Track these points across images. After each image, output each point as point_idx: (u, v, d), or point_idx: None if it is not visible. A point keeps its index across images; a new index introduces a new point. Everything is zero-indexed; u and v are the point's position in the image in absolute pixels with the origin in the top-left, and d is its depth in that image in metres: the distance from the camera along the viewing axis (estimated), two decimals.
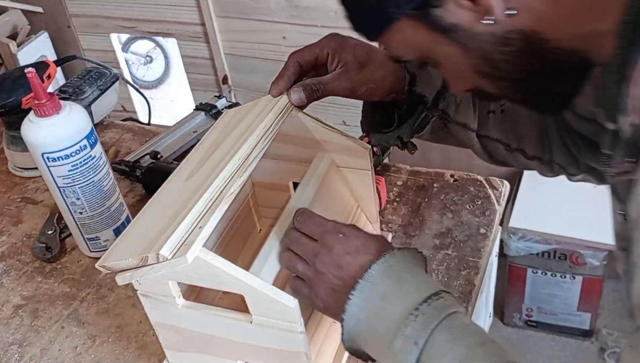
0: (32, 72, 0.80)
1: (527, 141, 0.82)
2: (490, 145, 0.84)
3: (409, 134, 0.84)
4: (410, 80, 0.80)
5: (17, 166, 1.17)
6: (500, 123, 0.82)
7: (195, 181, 0.68)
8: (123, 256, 0.63)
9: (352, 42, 0.79)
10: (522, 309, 1.95)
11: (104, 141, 1.25)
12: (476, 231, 0.95)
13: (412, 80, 0.80)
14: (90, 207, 0.90)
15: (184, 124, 1.23)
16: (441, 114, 0.83)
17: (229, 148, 0.71)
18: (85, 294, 0.92)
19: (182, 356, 0.76)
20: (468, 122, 0.83)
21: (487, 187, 1.03)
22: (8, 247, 1.02)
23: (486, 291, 1.07)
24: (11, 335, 0.87)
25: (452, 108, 0.83)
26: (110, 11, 2.14)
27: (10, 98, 1.07)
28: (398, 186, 1.05)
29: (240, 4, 1.90)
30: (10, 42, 2.10)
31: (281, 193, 0.90)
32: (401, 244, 0.94)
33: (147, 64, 3.58)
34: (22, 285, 0.95)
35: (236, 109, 0.81)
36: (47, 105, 0.82)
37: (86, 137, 0.85)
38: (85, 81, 1.21)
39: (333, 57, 0.79)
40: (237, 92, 2.12)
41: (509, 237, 1.75)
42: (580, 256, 1.74)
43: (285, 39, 1.89)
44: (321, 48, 0.79)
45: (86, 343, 0.85)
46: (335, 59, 0.79)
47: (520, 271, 1.85)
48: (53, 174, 0.86)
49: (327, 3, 1.77)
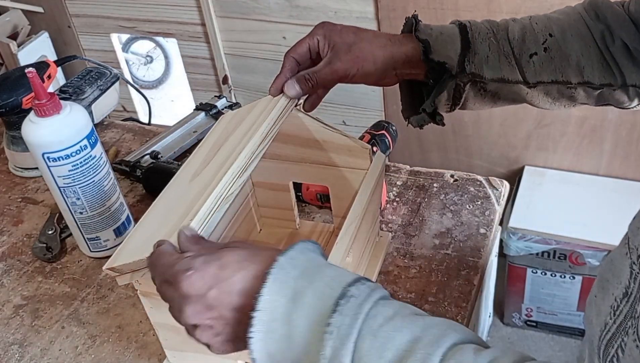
0: (32, 72, 0.80)
1: (590, 71, 0.75)
2: (550, 89, 0.77)
3: (430, 105, 0.80)
4: (423, 48, 0.76)
5: (18, 166, 1.17)
6: (549, 63, 0.75)
7: (200, 182, 0.68)
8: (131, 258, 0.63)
9: (339, 26, 0.79)
10: (521, 309, 1.95)
11: (105, 141, 1.25)
12: (476, 231, 0.95)
13: (425, 48, 0.76)
14: (91, 207, 0.90)
15: (184, 124, 1.23)
16: (471, 77, 0.77)
17: (232, 148, 0.71)
18: (85, 294, 0.92)
19: (182, 356, 0.76)
20: (505, 75, 0.77)
21: (487, 187, 1.03)
22: (8, 247, 1.02)
23: (486, 291, 1.07)
24: (11, 335, 0.87)
25: (482, 67, 0.77)
26: (110, 11, 2.14)
27: (11, 98, 1.07)
28: (398, 186, 1.05)
29: (240, 4, 1.90)
30: (11, 42, 2.10)
31: (281, 193, 0.91)
32: (401, 244, 0.94)
33: (148, 64, 3.58)
34: (22, 285, 0.95)
35: (236, 111, 0.81)
36: (47, 105, 0.82)
37: (86, 137, 0.86)
38: (86, 81, 1.21)
39: (324, 44, 0.79)
40: (237, 92, 2.12)
41: (508, 237, 1.75)
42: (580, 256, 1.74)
43: (285, 39, 1.89)
44: (311, 38, 0.79)
45: (86, 343, 0.85)
46: (325, 45, 0.79)
47: (520, 271, 1.85)
48: (53, 174, 0.86)
49: (327, 3, 1.77)
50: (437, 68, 0.77)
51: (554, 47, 0.76)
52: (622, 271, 0.63)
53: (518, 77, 0.77)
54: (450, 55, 0.77)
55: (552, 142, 1.83)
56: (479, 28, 0.78)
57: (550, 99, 0.78)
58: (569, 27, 0.76)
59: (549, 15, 0.79)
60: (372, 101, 1.90)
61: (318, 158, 0.84)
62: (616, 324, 0.61)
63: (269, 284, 0.51)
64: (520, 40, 0.77)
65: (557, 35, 0.76)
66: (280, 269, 0.51)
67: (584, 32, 0.75)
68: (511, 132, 1.84)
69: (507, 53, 0.77)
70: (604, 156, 1.80)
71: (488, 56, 0.77)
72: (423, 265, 0.90)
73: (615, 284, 0.63)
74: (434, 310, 0.84)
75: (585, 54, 0.75)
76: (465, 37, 0.78)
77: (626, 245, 0.63)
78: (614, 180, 1.82)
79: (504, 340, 1.96)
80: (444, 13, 1.63)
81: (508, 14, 1.58)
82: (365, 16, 1.75)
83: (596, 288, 0.69)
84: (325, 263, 0.55)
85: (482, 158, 1.92)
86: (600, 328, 0.64)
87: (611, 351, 0.61)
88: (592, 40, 0.75)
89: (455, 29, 0.78)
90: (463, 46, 0.77)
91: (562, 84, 0.76)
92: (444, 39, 0.77)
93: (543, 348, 1.96)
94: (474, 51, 0.77)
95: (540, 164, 1.88)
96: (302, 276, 0.51)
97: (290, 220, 0.94)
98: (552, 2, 1.53)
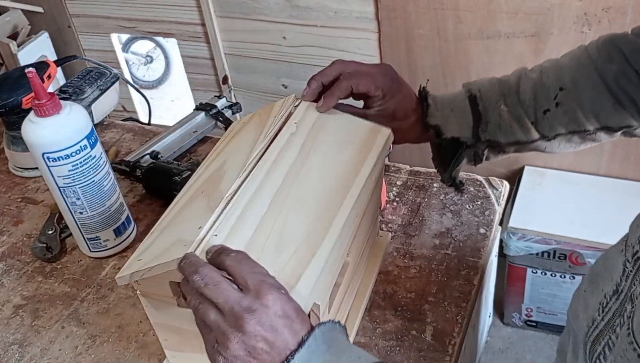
0: (32, 72, 0.80)
1: (605, 116, 0.76)
2: (570, 138, 0.79)
3: (448, 179, 0.84)
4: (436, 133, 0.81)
5: (18, 166, 1.18)
6: (564, 116, 0.77)
7: (216, 191, 0.69)
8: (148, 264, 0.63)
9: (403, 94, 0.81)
10: (521, 309, 1.95)
11: (104, 141, 1.25)
12: (476, 231, 0.95)
13: (437, 132, 0.81)
14: (91, 207, 0.90)
15: (184, 124, 1.23)
16: (488, 144, 0.81)
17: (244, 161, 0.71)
18: (85, 294, 0.92)
19: (182, 356, 0.76)
20: (519, 138, 0.79)
21: (487, 187, 1.03)
22: (8, 247, 1.02)
23: (486, 291, 1.07)
24: (11, 335, 0.87)
25: (496, 134, 0.80)
26: (110, 11, 2.14)
27: (11, 98, 1.07)
28: (398, 186, 1.05)
29: (240, 4, 1.90)
30: (11, 42, 2.10)
31: None
32: (401, 244, 0.94)
33: (147, 64, 3.58)
34: (22, 285, 0.95)
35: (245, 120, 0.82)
36: (47, 105, 0.82)
37: (86, 137, 0.86)
38: (86, 81, 1.21)
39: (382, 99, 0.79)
40: (237, 92, 2.12)
41: (508, 237, 1.75)
42: (580, 256, 1.74)
43: (285, 39, 1.89)
44: (376, 87, 0.78)
45: (86, 343, 0.85)
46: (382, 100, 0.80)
47: (520, 271, 1.85)
48: (53, 174, 0.86)
49: (327, 3, 1.77)
50: (452, 143, 0.81)
51: (566, 100, 0.77)
52: (615, 268, 0.63)
53: (533, 136, 0.79)
54: (464, 129, 0.80)
55: None
56: (489, 96, 0.80)
57: (573, 145, 0.80)
58: (580, 77, 0.76)
59: (560, 63, 0.79)
60: None
61: None
62: (604, 321, 0.61)
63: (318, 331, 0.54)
64: (532, 100, 0.78)
65: (569, 87, 0.76)
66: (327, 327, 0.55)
67: (595, 80, 0.75)
68: None
69: (519, 117, 0.79)
70: (604, 156, 1.79)
71: (500, 124, 0.79)
72: (423, 265, 0.90)
73: (607, 280, 0.63)
74: (434, 310, 0.84)
75: (598, 102, 0.75)
76: (475, 110, 0.80)
77: (624, 242, 0.63)
78: (614, 180, 1.82)
79: (504, 340, 1.96)
80: (444, 13, 1.63)
81: (508, 13, 1.58)
82: (365, 16, 1.75)
83: (586, 283, 0.69)
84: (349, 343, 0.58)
85: None
86: (587, 323, 0.64)
87: (598, 348, 0.61)
88: (604, 87, 0.75)
89: (465, 101, 0.80)
90: (475, 118, 0.80)
91: (581, 133, 0.78)
92: (455, 116, 0.80)
93: (543, 348, 1.96)
94: (485, 120, 0.80)
95: (540, 164, 1.88)
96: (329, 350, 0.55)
97: None
98: (552, 2, 1.53)
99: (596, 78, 0.75)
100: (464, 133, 0.80)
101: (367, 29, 1.76)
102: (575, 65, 0.77)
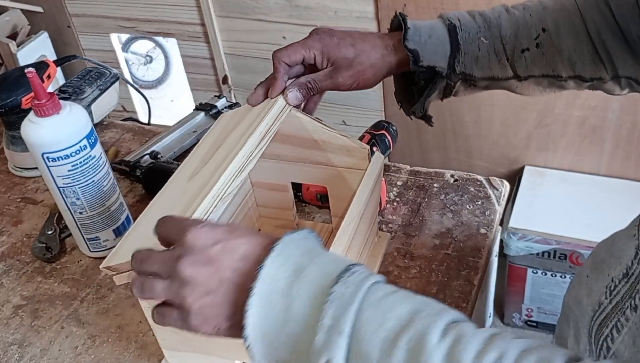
0: (32, 72, 0.80)
1: (581, 66, 0.75)
2: (540, 81, 0.78)
3: (420, 110, 0.81)
4: (413, 59, 0.77)
5: (17, 166, 1.17)
6: (541, 58, 0.76)
7: (198, 181, 0.68)
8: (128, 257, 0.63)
9: (335, 40, 0.79)
10: (522, 309, 1.95)
11: (104, 141, 1.25)
12: (476, 231, 0.95)
13: (415, 58, 0.77)
14: (90, 207, 0.90)
15: (184, 124, 1.23)
16: (462, 77, 0.79)
17: (230, 148, 0.71)
18: (85, 294, 0.92)
19: (181, 356, 0.76)
20: (495, 73, 0.78)
21: (487, 187, 1.03)
22: (8, 247, 1.02)
23: (486, 291, 1.07)
24: (11, 335, 0.87)
25: (472, 67, 0.78)
26: (110, 11, 2.14)
27: (10, 98, 1.07)
28: (398, 186, 1.05)
29: (240, 4, 1.90)
30: (10, 42, 2.10)
31: (281, 193, 0.91)
32: (401, 244, 0.94)
33: (147, 64, 3.58)
34: (22, 285, 0.95)
35: (235, 111, 0.82)
36: (47, 105, 0.82)
37: (86, 137, 0.85)
38: (85, 81, 1.21)
39: (321, 58, 0.79)
40: (237, 92, 2.12)
41: (509, 237, 1.75)
42: (580, 256, 1.74)
43: (285, 39, 1.89)
44: (307, 50, 0.78)
45: (86, 343, 0.85)
46: (323, 59, 0.79)
47: (520, 271, 1.85)
48: (53, 174, 0.86)
49: (327, 3, 1.77)
50: (427, 71, 0.78)
51: (547, 42, 0.76)
52: (624, 252, 0.62)
53: (508, 73, 0.78)
54: (440, 58, 0.78)
55: (553, 142, 1.83)
56: (469, 27, 0.78)
57: (540, 89, 0.79)
58: (564, 22, 0.75)
59: (545, 3, 0.78)
60: (372, 101, 1.90)
61: (316, 158, 0.84)
62: (612, 304, 0.61)
63: (272, 256, 0.49)
64: (513, 37, 0.76)
65: (551, 30, 0.75)
66: (285, 245, 0.51)
67: (579, 27, 0.74)
68: (511, 133, 1.84)
69: (497, 51, 0.77)
70: (605, 156, 1.79)
71: (478, 56, 0.78)
72: (423, 265, 0.90)
73: (614, 265, 0.63)
74: None
75: (578, 50, 0.75)
76: (454, 39, 0.78)
77: (635, 227, 0.62)
78: (614, 180, 1.82)
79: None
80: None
81: None
82: (365, 16, 1.74)
83: (588, 269, 0.69)
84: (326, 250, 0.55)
85: (483, 158, 1.92)
86: (592, 308, 0.64)
87: (605, 331, 0.61)
88: (586, 35, 0.74)
89: (444, 30, 0.78)
90: (452, 48, 0.78)
91: (552, 78, 0.77)
92: (433, 43, 0.78)
93: None
94: (464, 51, 0.78)
95: (541, 164, 1.88)
96: (305, 254, 0.51)
97: (289, 220, 0.94)
98: None
99: (579, 26, 0.74)
100: (440, 63, 0.78)
101: (367, 29, 1.76)
102: (558, 9, 0.76)
